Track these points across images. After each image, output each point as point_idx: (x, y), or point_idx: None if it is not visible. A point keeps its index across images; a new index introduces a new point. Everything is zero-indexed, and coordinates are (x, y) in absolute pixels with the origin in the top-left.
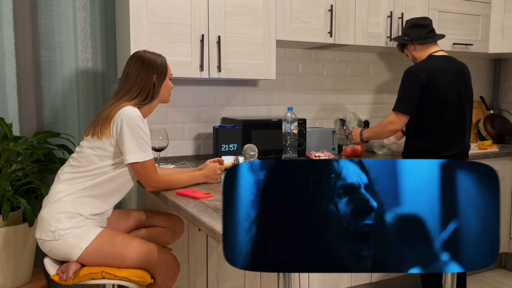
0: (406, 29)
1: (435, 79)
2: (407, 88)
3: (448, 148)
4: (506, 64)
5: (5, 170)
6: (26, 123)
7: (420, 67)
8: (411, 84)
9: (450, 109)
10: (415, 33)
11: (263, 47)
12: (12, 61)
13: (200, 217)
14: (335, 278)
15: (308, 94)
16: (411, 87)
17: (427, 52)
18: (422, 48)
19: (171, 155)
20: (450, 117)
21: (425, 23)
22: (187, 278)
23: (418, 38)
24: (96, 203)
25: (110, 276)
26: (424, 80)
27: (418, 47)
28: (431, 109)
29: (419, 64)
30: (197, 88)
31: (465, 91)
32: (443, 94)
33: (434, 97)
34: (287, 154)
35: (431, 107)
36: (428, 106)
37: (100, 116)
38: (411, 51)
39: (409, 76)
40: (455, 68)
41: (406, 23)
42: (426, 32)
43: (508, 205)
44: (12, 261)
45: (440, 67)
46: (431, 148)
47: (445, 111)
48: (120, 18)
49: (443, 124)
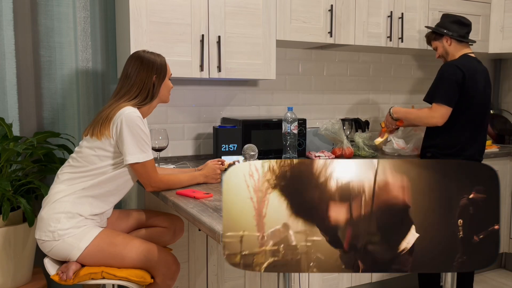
0: (447, 23)
1: (472, 78)
2: (449, 79)
3: (467, 148)
4: (506, 64)
5: (5, 170)
6: (26, 123)
7: (460, 63)
8: (453, 76)
9: (477, 109)
10: (457, 29)
11: (263, 47)
12: (12, 61)
13: (200, 217)
14: (335, 278)
15: (308, 94)
16: (453, 79)
17: (462, 51)
18: (458, 46)
19: (171, 155)
20: (475, 117)
21: (468, 22)
22: (187, 278)
23: (460, 35)
24: (96, 203)
25: (110, 276)
26: (466, 75)
27: (454, 44)
28: (464, 107)
29: (457, 61)
30: (197, 88)
31: (489, 95)
32: (475, 94)
33: (468, 96)
34: (287, 154)
35: (464, 105)
36: (462, 104)
37: (99, 116)
38: (446, 45)
39: (453, 68)
40: (484, 71)
41: (448, 17)
42: (466, 32)
43: (508, 205)
44: (12, 261)
45: (476, 67)
46: (454, 148)
47: (473, 111)
48: (120, 18)
49: (469, 124)
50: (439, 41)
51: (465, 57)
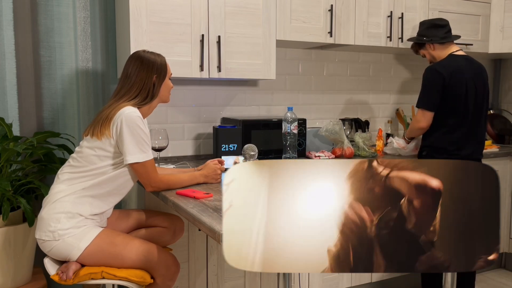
0: (424, 30)
1: (456, 77)
2: (430, 84)
3: (463, 147)
4: (506, 64)
5: (5, 170)
6: (26, 123)
7: (442, 65)
8: (434, 81)
9: (468, 108)
10: (434, 33)
11: (263, 47)
12: (12, 61)
13: (200, 217)
14: (335, 278)
15: (308, 94)
16: (433, 83)
17: (447, 51)
18: (442, 48)
19: (171, 155)
20: (468, 116)
21: (443, 23)
22: (187, 278)
23: (438, 37)
24: (96, 203)
25: (110, 276)
26: (447, 77)
27: (437, 47)
28: (451, 107)
29: (440, 62)
30: (197, 88)
31: (483, 91)
32: (463, 93)
33: (454, 96)
34: (287, 154)
35: (451, 105)
36: (448, 104)
37: (99, 116)
38: (430, 51)
39: (432, 72)
40: (474, 68)
41: (423, 25)
42: (445, 32)
43: (508, 205)
44: (12, 261)
45: (461, 66)
46: (449, 147)
47: (463, 110)
48: (120, 18)
49: (461, 122)
50: (423, 49)
51: (450, 56)
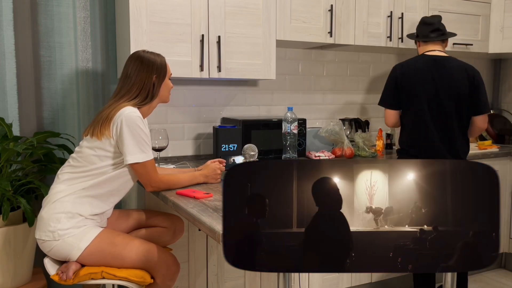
0: (417, 26)
1: (409, 77)
2: (387, 82)
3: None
4: (506, 64)
5: (5, 170)
6: (26, 123)
7: (402, 64)
8: (388, 79)
9: (423, 109)
10: (420, 31)
11: (263, 47)
12: (12, 61)
13: (200, 217)
14: (335, 278)
15: (308, 94)
16: (388, 81)
17: (423, 50)
18: (424, 46)
19: (171, 155)
20: (423, 116)
21: (431, 21)
22: (187, 278)
23: (422, 35)
24: (96, 203)
25: (110, 276)
26: (399, 76)
27: (421, 44)
28: (405, 107)
29: (405, 61)
30: (197, 88)
31: (450, 93)
32: (416, 94)
33: (407, 95)
34: (287, 154)
35: (405, 105)
36: (403, 104)
37: (99, 116)
38: (417, 48)
39: (391, 70)
40: (444, 69)
41: (420, 21)
42: (430, 31)
43: (508, 205)
44: (12, 261)
45: (420, 66)
46: (406, 147)
47: (417, 110)
48: (120, 18)
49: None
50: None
51: (418, 56)
